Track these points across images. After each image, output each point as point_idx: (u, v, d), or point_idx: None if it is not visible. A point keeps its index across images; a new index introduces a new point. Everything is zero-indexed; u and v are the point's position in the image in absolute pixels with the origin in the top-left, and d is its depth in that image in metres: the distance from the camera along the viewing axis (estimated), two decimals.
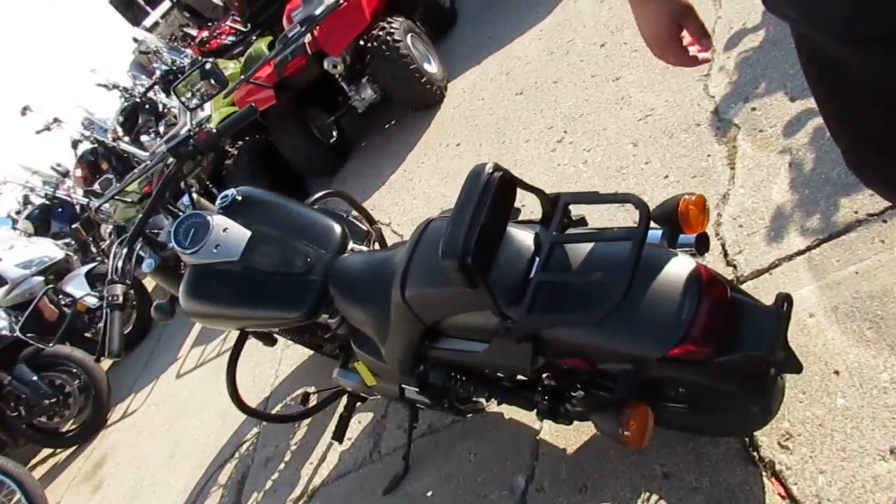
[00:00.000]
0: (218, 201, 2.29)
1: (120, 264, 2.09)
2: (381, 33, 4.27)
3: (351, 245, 2.13)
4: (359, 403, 2.58)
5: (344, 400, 2.61)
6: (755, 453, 1.71)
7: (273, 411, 3.35)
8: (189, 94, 2.38)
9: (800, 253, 1.98)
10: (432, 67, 4.54)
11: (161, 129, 7.40)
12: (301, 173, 5.08)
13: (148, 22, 12.39)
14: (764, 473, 1.66)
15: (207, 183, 5.31)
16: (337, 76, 4.55)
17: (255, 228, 2.10)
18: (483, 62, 4.55)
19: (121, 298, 1.99)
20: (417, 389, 1.94)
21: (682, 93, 2.90)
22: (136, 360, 5.28)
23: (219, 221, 2.14)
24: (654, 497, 1.79)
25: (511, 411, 2.31)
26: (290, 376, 3.44)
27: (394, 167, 4.38)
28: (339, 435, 2.50)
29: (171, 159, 2.28)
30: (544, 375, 1.77)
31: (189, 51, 8.40)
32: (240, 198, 2.25)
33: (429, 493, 2.31)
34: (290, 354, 3.57)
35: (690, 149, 2.61)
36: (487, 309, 1.36)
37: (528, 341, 1.33)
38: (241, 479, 3.14)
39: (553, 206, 1.35)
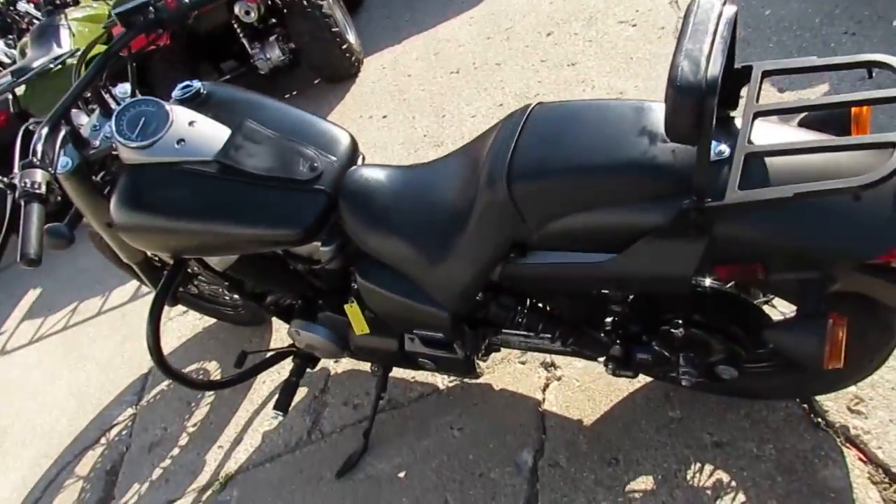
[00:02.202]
0: (175, 93, 1.80)
1: (40, 147, 1.53)
2: None
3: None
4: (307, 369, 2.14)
5: (285, 364, 2.16)
6: (820, 419, 1.58)
7: (155, 391, 2.75)
8: None
9: None
10: (351, 37, 4.19)
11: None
12: None
13: None
14: (837, 439, 1.53)
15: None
16: (239, 30, 4.05)
17: (238, 124, 1.65)
18: (403, 42, 4.29)
19: (43, 187, 1.44)
20: (443, 334, 1.60)
21: (654, 80, 2.86)
22: None
23: (181, 113, 1.67)
24: (709, 467, 1.60)
25: (503, 381, 2.02)
26: (179, 350, 2.85)
27: None
28: (283, 404, 2.04)
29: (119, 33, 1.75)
30: (609, 319, 1.53)
31: None
32: (205, 91, 1.78)
33: (401, 474, 1.93)
34: (176, 327, 2.98)
35: None
36: (645, 195, 1.10)
37: (704, 237, 1.08)
38: (110, 468, 2.50)
39: (744, 77, 1.13)
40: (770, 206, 1.00)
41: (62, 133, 1.64)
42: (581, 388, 1.90)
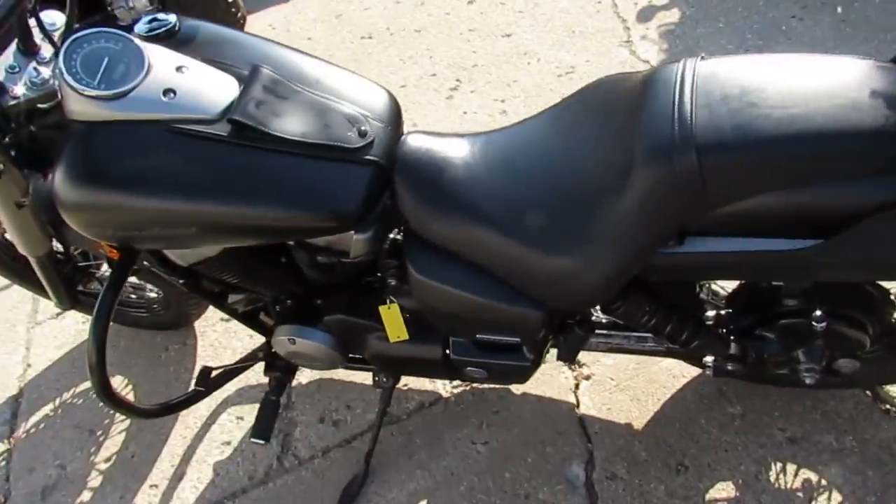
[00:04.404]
0: (140, 27, 1.34)
1: None
2: None
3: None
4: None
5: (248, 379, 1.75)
6: (889, 406, 1.54)
7: (35, 418, 2.15)
8: None
9: None
10: None
11: None
12: None
13: None
14: None
15: None
16: None
17: (249, 73, 1.24)
18: (292, 1, 3.82)
19: None
20: (522, 338, 1.33)
21: (604, 55, 2.73)
22: None
23: (162, 54, 1.23)
24: (792, 466, 1.49)
25: (529, 385, 1.78)
26: (64, 362, 2.25)
27: None
28: (264, 429, 1.64)
29: None
30: (712, 313, 1.36)
31: None
32: (180, 27, 1.34)
33: (422, 503, 1.63)
34: (50, 332, 2.36)
35: None
36: (877, 167, 0.93)
37: None
38: None
39: None
40: None
41: None
42: (619, 388, 1.72)
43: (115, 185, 1.17)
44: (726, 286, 1.45)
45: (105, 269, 2.06)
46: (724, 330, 1.34)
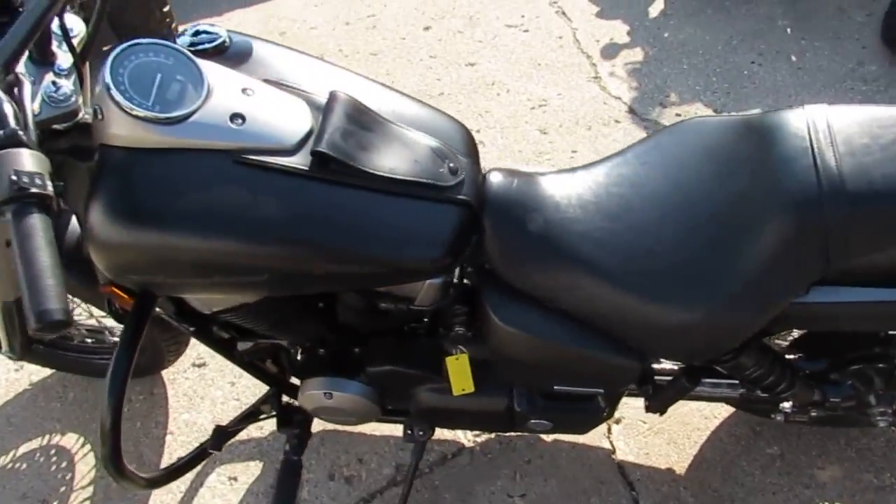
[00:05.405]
0: (182, 40, 1.16)
1: (9, 109, 0.86)
2: None
3: None
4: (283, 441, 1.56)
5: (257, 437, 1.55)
6: None
7: None
8: None
9: None
10: None
11: None
12: None
13: None
14: None
15: None
16: None
17: (328, 99, 1.09)
18: (225, 14, 3.58)
19: (46, 181, 0.81)
20: (607, 389, 1.26)
21: (576, 89, 2.74)
22: None
23: (222, 74, 1.07)
24: None
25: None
26: None
27: None
28: (287, 498, 1.45)
29: None
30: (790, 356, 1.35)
31: None
32: (230, 43, 1.18)
33: None
34: None
35: (623, 143, 2.46)
36: None
37: None
38: None
39: None
40: None
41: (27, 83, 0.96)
42: (653, 431, 1.68)
43: (176, 224, 0.99)
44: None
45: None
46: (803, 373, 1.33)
